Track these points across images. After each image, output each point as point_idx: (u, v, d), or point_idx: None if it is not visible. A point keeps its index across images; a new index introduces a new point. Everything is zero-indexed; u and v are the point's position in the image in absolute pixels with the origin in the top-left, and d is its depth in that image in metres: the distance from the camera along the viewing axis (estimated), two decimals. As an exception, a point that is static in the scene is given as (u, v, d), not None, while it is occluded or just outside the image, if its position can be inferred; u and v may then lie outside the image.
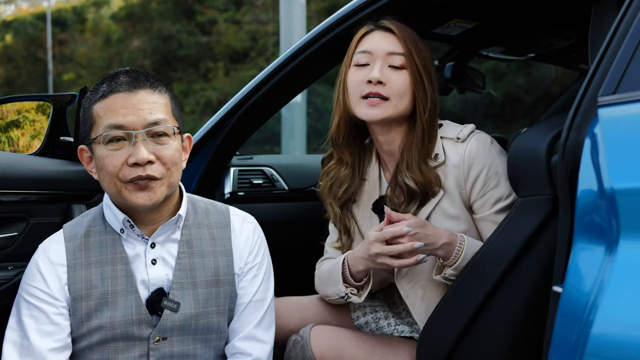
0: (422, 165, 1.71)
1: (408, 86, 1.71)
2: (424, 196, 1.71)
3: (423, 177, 1.70)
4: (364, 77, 1.71)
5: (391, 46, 1.72)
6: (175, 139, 1.53)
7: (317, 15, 11.93)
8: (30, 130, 2.07)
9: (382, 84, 1.69)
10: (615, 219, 1.08)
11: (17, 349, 1.49)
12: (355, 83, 1.73)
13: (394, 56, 1.71)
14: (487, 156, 1.69)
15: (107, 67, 15.40)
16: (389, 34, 1.74)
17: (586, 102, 1.23)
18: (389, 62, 1.71)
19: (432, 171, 1.71)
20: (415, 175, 1.70)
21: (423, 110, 1.72)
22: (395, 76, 1.70)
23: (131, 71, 1.55)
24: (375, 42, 1.74)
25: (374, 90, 1.69)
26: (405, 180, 1.71)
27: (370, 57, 1.73)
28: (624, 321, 1.03)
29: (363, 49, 1.74)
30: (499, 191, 1.68)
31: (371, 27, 1.77)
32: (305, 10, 7.08)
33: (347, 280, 1.75)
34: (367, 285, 1.75)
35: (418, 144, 1.73)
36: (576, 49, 2.56)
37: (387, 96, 1.69)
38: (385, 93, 1.69)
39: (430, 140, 1.74)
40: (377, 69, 1.70)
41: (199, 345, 1.59)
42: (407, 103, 1.72)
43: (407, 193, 1.72)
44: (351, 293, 1.74)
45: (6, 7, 21.24)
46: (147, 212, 1.55)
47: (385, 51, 1.72)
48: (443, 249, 1.61)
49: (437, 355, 1.61)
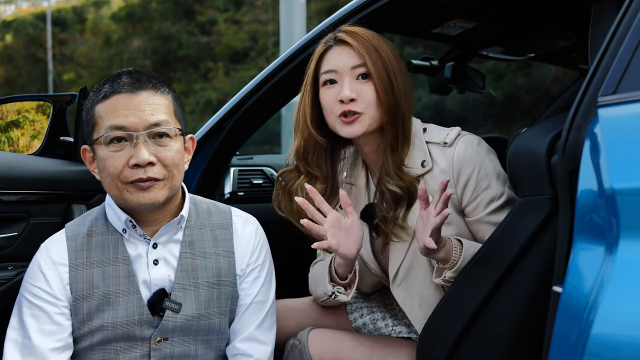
0: (398, 171, 1.70)
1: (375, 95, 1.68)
2: (410, 198, 1.70)
3: (402, 182, 1.68)
4: (335, 95, 1.69)
5: (351, 60, 1.68)
6: (177, 141, 1.53)
7: (317, 15, 11.93)
8: (30, 130, 2.07)
9: (354, 100, 1.67)
10: (615, 219, 1.08)
11: (19, 348, 1.49)
12: (329, 104, 1.71)
13: (358, 68, 1.69)
14: (476, 158, 1.67)
15: (107, 67, 15.40)
16: (347, 47, 1.69)
17: (586, 102, 1.23)
18: (356, 74, 1.69)
19: (410, 174, 1.69)
20: (395, 180, 1.69)
21: (389, 116, 1.68)
22: (363, 88, 1.68)
23: (134, 72, 1.54)
24: (336, 58, 1.71)
25: (347, 109, 1.67)
26: (387, 187, 1.70)
27: (336, 75, 1.70)
28: (624, 321, 1.03)
29: (327, 68, 1.71)
30: (491, 192, 1.66)
31: (328, 44, 1.73)
32: (305, 10, 7.07)
33: (333, 279, 1.75)
34: (353, 283, 1.74)
35: (390, 152, 1.71)
36: (576, 49, 2.56)
37: (361, 111, 1.67)
38: (359, 109, 1.67)
39: (403, 146, 1.71)
40: (346, 86, 1.67)
41: (200, 346, 1.59)
42: (381, 112, 1.69)
43: (392, 199, 1.71)
44: (338, 291, 1.73)
45: (6, 7, 21.24)
46: (149, 213, 1.55)
47: (348, 66, 1.69)
48: (442, 250, 1.60)
49: (437, 355, 1.60)
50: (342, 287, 1.74)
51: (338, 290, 1.73)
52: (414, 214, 1.70)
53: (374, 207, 1.77)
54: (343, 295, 1.73)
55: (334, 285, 1.74)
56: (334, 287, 1.73)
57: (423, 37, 2.44)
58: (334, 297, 1.74)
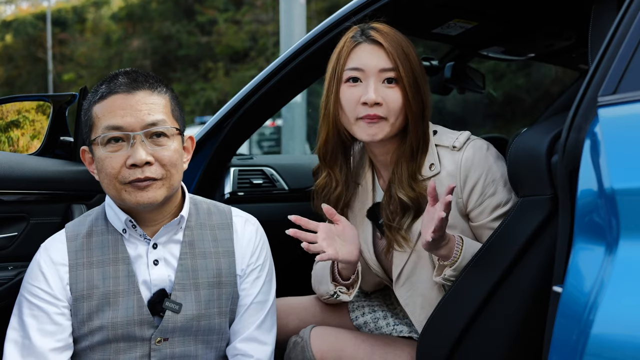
0: (411, 181, 1.68)
1: (403, 102, 1.65)
2: (417, 209, 1.69)
3: (414, 192, 1.67)
4: (358, 96, 1.64)
5: (382, 62, 1.64)
6: (174, 140, 1.53)
7: (317, 15, 11.94)
8: (30, 130, 2.07)
9: (378, 104, 1.63)
10: (615, 219, 1.08)
11: (19, 348, 1.49)
12: (350, 103, 1.66)
13: (387, 72, 1.64)
14: (484, 164, 1.66)
15: (107, 67, 15.40)
16: (378, 48, 1.65)
17: (586, 102, 1.23)
18: (383, 78, 1.65)
19: (422, 185, 1.68)
20: (406, 190, 1.68)
21: (415, 126, 1.66)
22: (390, 93, 1.64)
23: (130, 72, 1.54)
24: (365, 58, 1.65)
25: (372, 113, 1.63)
26: (398, 194, 1.69)
27: (362, 74, 1.65)
28: (624, 321, 1.03)
29: (354, 65, 1.66)
30: (497, 198, 1.65)
31: (358, 40, 1.68)
32: (305, 10, 7.09)
33: (335, 279, 1.75)
34: (355, 284, 1.74)
35: (407, 160, 1.69)
36: (576, 49, 2.56)
37: (385, 115, 1.64)
38: (383, 114, 1.63)
39: (421, 155, 1.69)
40: (371, 89, 1.62)
41: (200, 346, 1.59)
42: (403, 118, 1.67)
43: (400, 206, 1.70)
44: (340, 291, 1.73)
45: (6, 7, 21.24)
46: (149, 213, 1.55)
47: (377, 68, 1.64)
48: (445, 247, 1.60)
49: (437, 355, 1.61)
50: (345, 287, 1.74)
51: (340, 290, 1.74)
52: (419, 225, 1.69)
53: (381, 208, 1.77)
54: (345, 295, 1.74)
55: (336, 285, 1.74)
56: (336, 287, 1.74)
57: (423, 37, 2.43)
58: (336, 296, 1.74)
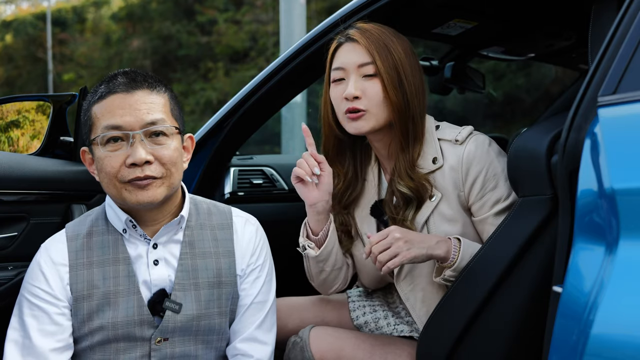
0: (410, 171, 1.72)
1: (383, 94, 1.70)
2: (419, 200, 1.72)
3: (413, 182, 1.71)
4: (341, 93, 1.72)
5: (359, 57, 1.70)
6: (174, 139, 1.53)
7: (317, 15, 11.93)
8: (30, 130, 2.07)
9: (358, 98, 1.69)
10: (615, 219, 1.08)
11: (19, 348, 1.49)
12: (336, 101, 1.75)
13: (365, 66, 1.70)
14: (486, 158, 1.68)
15: (107, 67, 15.40)
16: (356, 45, 1.72)
17: (586, 102, 1.23)
18: (363, 73, 1.71)
19: (422, 175, 1.71)
20: (405, 181, 1.71)
21: (398, 115, 1.70)
22: (369, 86, 1.70)
23: (129, 72, 1.55)
24: (344, 56, 1.73)
25: (351, 106, 1.70)
26: (398, 187, 1.72)
27: (344, 73, 1.73)
28: (624, 321, 1.03)
29: (336, 65, 1.75)
30: (498, 193, 1.68)
31: (340, 41, 1.76)
32: (305, 10, 7.08)
33: (308, 235, 1.80)
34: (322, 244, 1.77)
35: (401, 152, 1.73)
36: (576, 49, 2.56)
37: (365, 108, 1.69)
38: (363, 106, 1.69)
39: (414, 146, 1.73)
40: (351, 84, 1.70)
41: (200, 346, 1.59)
42: (390, 110, 1.71)
43: (402, 199, 1.73)
44: (308, 246, 1.78)
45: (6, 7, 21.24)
46: (149, 213, 1.55)
47: (356, 64, 1.71)
48: (439, 249, 1.61)
49: (437, 355, 1.61)
50: (314, 242, 1.78)
51: (308, 245, 1.78)
52: (422, 214, 1.72)
53: (384, 204, 1.80)
54: (312, 250, 1.77)
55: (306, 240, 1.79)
56: (306, 242, 1.78)
57: (423, 37, 2.44)
58: (304, 250, 1.79)
